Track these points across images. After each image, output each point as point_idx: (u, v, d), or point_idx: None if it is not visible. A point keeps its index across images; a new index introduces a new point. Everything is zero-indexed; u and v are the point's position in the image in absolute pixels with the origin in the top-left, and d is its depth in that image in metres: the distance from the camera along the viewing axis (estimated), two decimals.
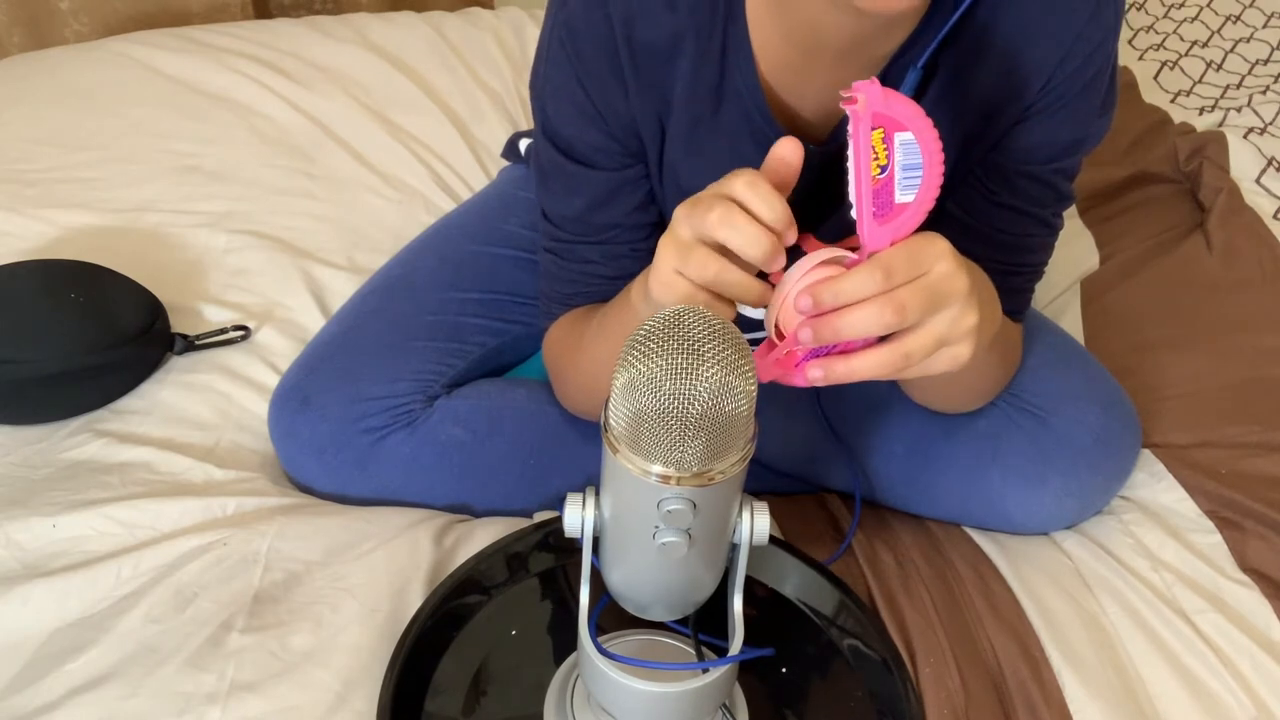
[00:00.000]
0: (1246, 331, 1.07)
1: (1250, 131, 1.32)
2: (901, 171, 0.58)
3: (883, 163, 0.57)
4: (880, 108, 0.56)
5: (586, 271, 0.83)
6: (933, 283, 0.59)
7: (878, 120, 0.57)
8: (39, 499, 0.85)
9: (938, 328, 0.60)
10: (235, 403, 0.99)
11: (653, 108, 0.77)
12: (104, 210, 1.16)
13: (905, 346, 0.59)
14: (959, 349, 0.61)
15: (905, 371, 0.61)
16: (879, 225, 0.59)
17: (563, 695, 0.71)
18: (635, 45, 0.73)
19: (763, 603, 0.81)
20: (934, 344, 0.60)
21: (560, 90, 0.77)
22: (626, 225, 0.81)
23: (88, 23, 1.66)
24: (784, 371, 0.61)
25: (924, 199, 0.58)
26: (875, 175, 0.57)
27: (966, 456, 0.90)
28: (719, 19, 0.73)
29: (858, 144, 0.57)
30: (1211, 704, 0.76)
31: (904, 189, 0.58)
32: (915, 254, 0.58)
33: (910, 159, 0.58)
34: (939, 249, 0.59)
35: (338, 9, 1.84)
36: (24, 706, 0.71)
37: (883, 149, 0.57)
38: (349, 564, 0.81)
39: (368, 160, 1.29)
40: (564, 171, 0.80)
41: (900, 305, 0.57)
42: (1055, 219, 0.82)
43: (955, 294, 0.59)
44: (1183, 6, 1.71)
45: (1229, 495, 0.91)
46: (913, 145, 0.57)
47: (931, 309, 0.59)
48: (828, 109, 0.77)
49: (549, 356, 0.90)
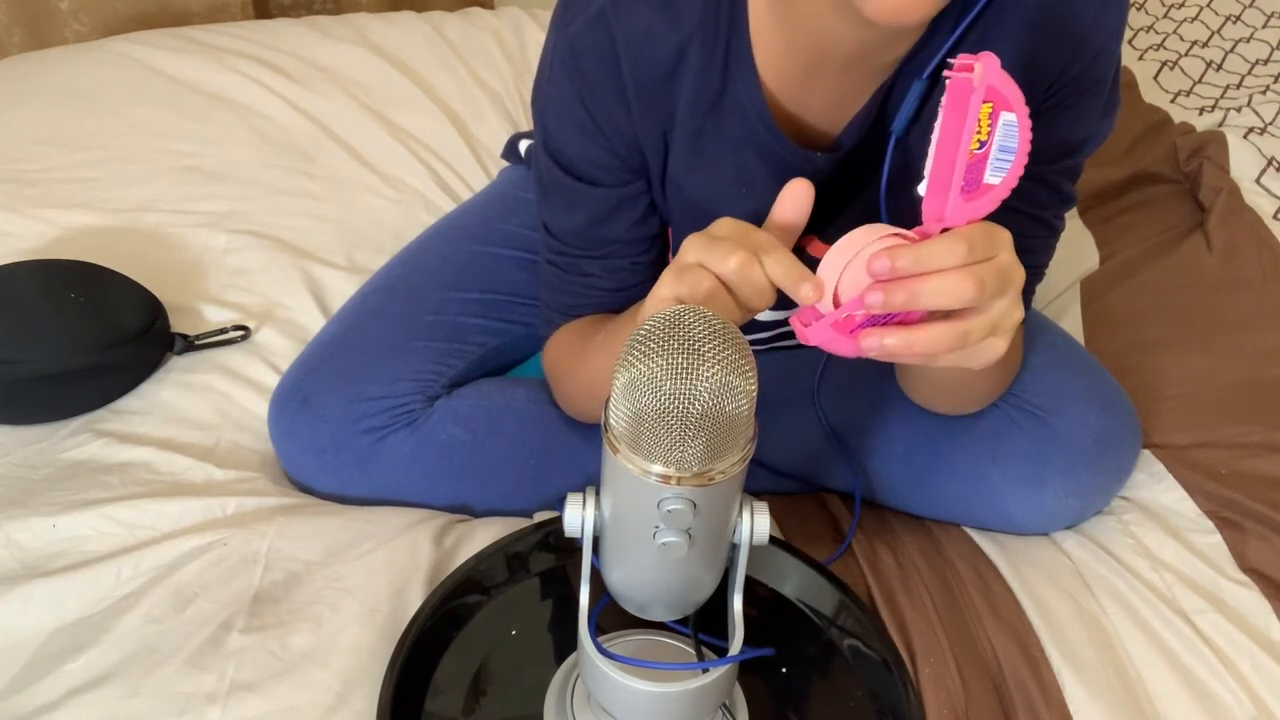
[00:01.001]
0: (1246, 331, 1.07)
1: (1250, 131, 1.32)
2: (998, 152, 0.57)
3: (984, 138, 0.56)
4: (996, 82, 0.55)
5: (587, 284, 0.83)
6: (1002, 268, 0.58)
7: (990, 94, 0.55)
8: (39, 499, 0.85)
9: (994, 314, 0.59)
10: (235, 403, 0.99)
11: (656, 124, 0.77)
12: (104, 210, 1.16)
13: (966, 325, 0.59)
14: (1000, 341, 0.61)
15: (949, 357, 0.60)
16: (964, 201, 0.57)
17: (563, 695, 0.71)
18: (639, 64, 0.73)
19: (763, 603, 0.81)
20: (989, 329, 0.59)
21: (562, 109, 0.77)
22: (627, 239, 0.82)
23: (88, 23, 1.66)
24: (838, 335, 0.60)
25: (1007, 185, 0.58)
26: (973, 150, 0.56)
27: (967, 457, 0.90)
28: (722, 31, 0.73)
29: (964, 114, 0.56)
30: (1211, 704, 0.76)
31: (995, 170, 0.57)
32: (990, 235, 0.58)
33: (1009, 141, 0.57)
34: (1005, 238, 0.59)
35: (338, 9, 1.84)
36: (24, 706, 0.71)
37: (987, 125, 0.56)
38: (349, 564, 0.81)
39: (368, 160, 1.29)
40: (565, 187, 0.80)
41: (980, 280, 0.57)
42: (1057, 220, 0.82)
43: (1015, 284, 0.59)
44: (1183, 6, 1.71)
45: (1229, 495, 0.91)
46: (1014, 128, 0.56)
47: (997, 293, 0.58)
48: (831, 118, 0.76)
49: (549, 364, 0.90)
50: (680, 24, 0.72)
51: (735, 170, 0.77)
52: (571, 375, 0.86)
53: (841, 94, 0.75)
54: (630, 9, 0.72)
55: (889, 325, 0.59)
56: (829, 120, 0.77)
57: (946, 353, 0.60)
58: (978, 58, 0.55)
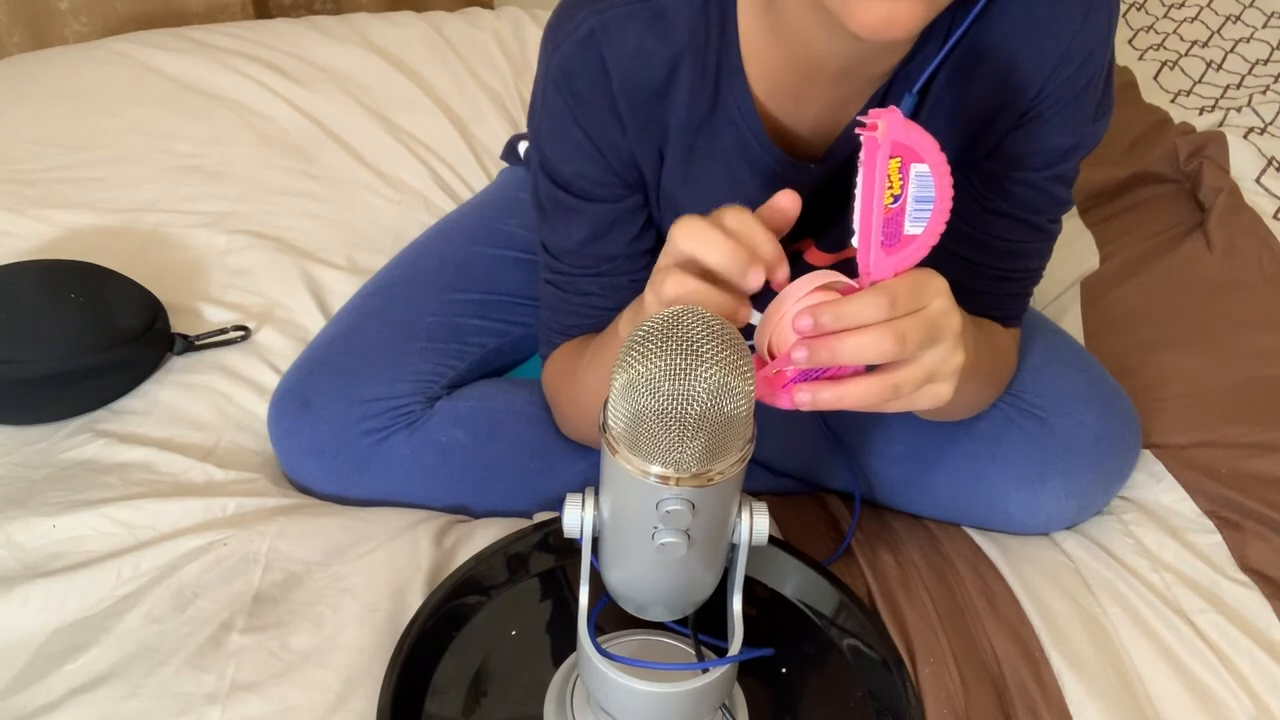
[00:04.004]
0: (1246, 331, 1.07)
1: (1250, 131, 1.32)
2: (914, 203, 0.57)
3: (896, 192, 0.57)
4: (900, 137, 0.56)
5: (587, 303, 0.84)
6: (931, 317, 0.59)
7: (896, 149, 0.56)
8: (39, 499, 0.85)
9: (928, 363, 0.59)
10: (235, 403, 0.99)
11: (651, 139, 0.77)
12: (104, 210, 1.17)
13: (896, 378, 0.59)
14: (942, 387, 0.61)
15: (889, 405, 0.60)
16: (886, 255, 0.58)
17: (563, 695, 0.71)
18: (630, 83, 0.74)
19: (763, 603, 0.81)
20: (923, 379, 0.60)
21: (557, 130, 0.77)
22: (625, 255, 0.82)
23: (88, 23, 1.66)
24: (770, 391, 0.60)
25: (932, 232, 0.58)
26: (888, 204, 0.57)
27: (967, 457, 0.90)
28: (712, 46, 0.73)
29: (871, 171, 0.57)
30: (1211, 704, 0.76)
31: (914, 221, 0.58)
32: (918, 287, 0.58)
33: (924, 191, 0.57)
34: (938, 285, 0.59)
35: (338, 9, 1.84)
36: (24, 706, 0.71)
37: (898, 179, 0.57)
38: (349, 564, 0.81)
39: (368, 160, 1.29)
40: (563, 206, 0.80)
41: (901, 335, 0.57)
42: (1052, 225, 0.82)
43: (948, 331, 0.59)
44: (1183, 6, 1.71)
45: (1229, 495, 0.91)
46: (928, 178, 0.57)
47: (927, 343, 0.59)
48: (824, 127, 0.77)
49: (548, 386, 0.91)
50: (670, 41, 0.72)
51: (729, 183, 0.77)
52: (567, 395, 0.86)
53: (833, 105, 0.75)
54: (619, 28, 0.72)
55: (822, 379, 0.60)
56: (821, 131, 0.77)
57: (880, 404, 0.60)
58: (882, 113, 0.56)
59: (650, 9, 0.72)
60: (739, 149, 0.76)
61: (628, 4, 0.72)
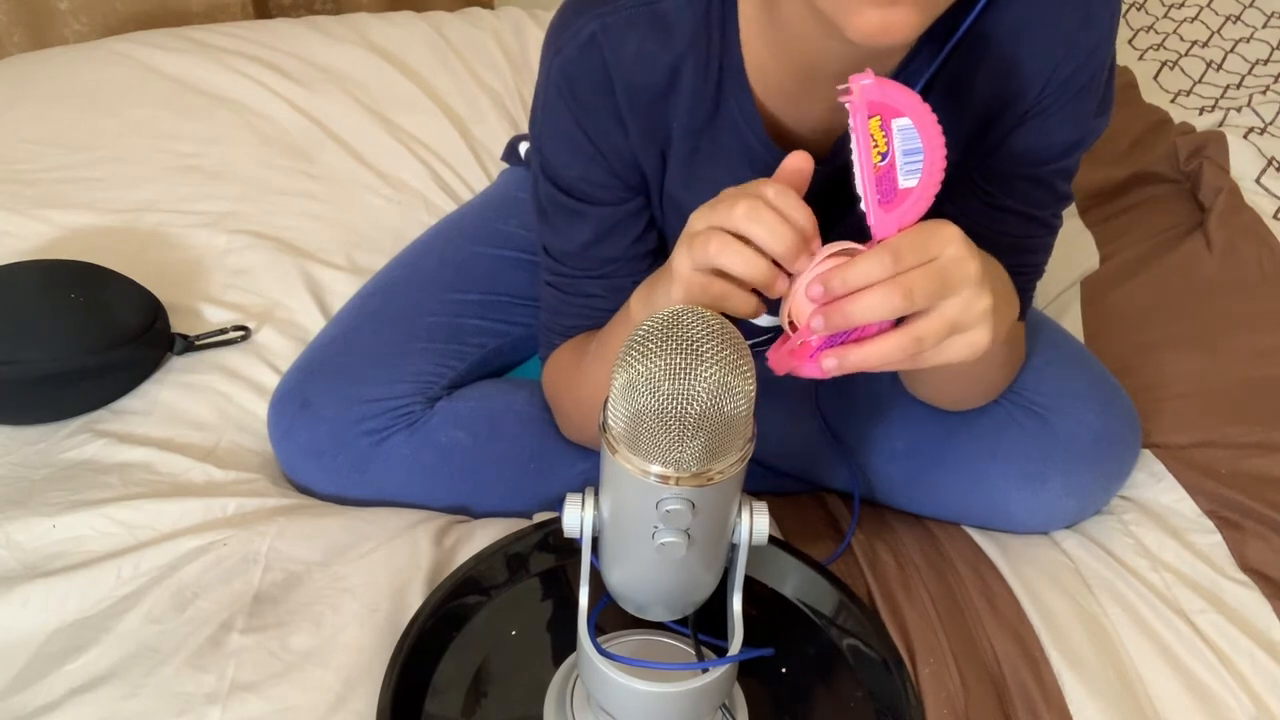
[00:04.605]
0: (1246, 331, 1.07)
1: (1250, 131, 1.32)
2: (902, 157, 0.58)
3: (883, 150, 0.58)
4: (875, 95, 0.57)
5: (589, 305, 0.84)
6: (943, 267, 0.59)
7: (874, 108, 0.57)
8: (38, 499, 0.85)
9: (949, 312, 0.59)
10: (235, 403, 0.98)
11: (654, 142, 0.77)
12: (104, 210, 1.17)
13: (916, 330, 0.59)
14: (976, 334, 0.61)
15: (920, 358, 0.61)
16: (885, 212, 0.59)
17: (563, 695, 0.71)
18: (632, 86, 0.74)
19: (763, 603, 0.81)
20: (946, 329, 0.60)
21: (559, 134, 0.77)
22: (628, 257, 0.82)
23: (88, 23, 1.66)
24: (799, 363, 0.61)
25: (928, 183, 0.59)
26: (876, 163, 0.58)
27: (967, 455, 0.90)
28: (714, 48, 0.73)
29: (858, 134, 0.58)
30: (1211, 704, 0.76)
31: (906, 174, 0.58)
32: (923, 239, 0.59)
33: (910, 144, 0.58)
34: (948, 234, 0.59)
35: (338, 9, 1.84)
36: (24, 706, 0.71)
37: (881, 136, 0.58)
38: (349, 564, 0.81)
39: (368, 160, 1.29)
40: (565, 209, 0.80)
41: (907, 288, 0.57)
42: (1055, 219, 0.82)
43: (966, 278, 0.59)
44: (1183, 6, 1.71)
45: (1229, 495, 0.91)
46: (910, 130, 0.58)
47: (941, 293, 0.59)
48: (826, 128, 0.77)
49: (548, 387, 0.91)
50: (671, 44, 0.72)
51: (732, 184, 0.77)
52: (570, 394, 0.86)
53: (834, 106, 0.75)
54: (620, 33, 0.72)
55: (848, 343, 0.60)
56: (823, 132, 0.77)
57: (908, 359, 0.60)
58: (857, 76, 0.57)
59: (652, 12, 0.72)
60: (741, 151, 0.76)
61: (629, 8, 0.72)
